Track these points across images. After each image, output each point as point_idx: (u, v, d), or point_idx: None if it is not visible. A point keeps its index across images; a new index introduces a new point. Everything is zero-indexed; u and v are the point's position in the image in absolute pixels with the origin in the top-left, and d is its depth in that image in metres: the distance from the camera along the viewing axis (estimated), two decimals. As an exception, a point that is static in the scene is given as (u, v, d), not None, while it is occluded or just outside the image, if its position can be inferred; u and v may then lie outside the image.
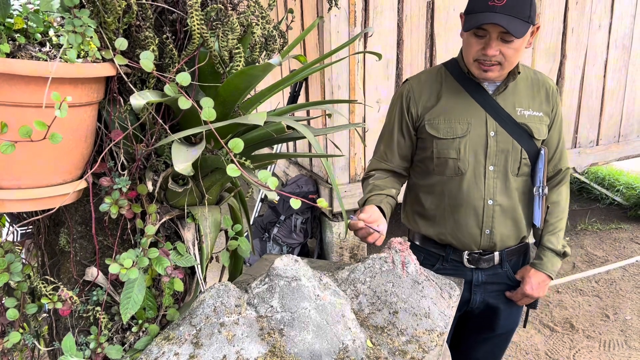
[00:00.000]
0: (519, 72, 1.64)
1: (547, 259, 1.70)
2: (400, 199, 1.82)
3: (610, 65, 4.28)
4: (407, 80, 1.76)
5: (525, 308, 1.86)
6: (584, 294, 3.61)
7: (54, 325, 1.22)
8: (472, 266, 1.72)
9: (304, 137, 1.13)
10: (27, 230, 1.29)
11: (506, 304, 1.79)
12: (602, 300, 3.51)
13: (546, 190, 1.68)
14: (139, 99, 0.96)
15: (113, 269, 1.03)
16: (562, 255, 1.71)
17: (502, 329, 1.83)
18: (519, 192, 1.68)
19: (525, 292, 1.71)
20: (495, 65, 1.54)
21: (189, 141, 1.11)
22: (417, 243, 1.81)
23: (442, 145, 1.64)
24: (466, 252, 1.71)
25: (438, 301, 1.19)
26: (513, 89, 1.66)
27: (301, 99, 3.88)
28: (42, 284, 1.10)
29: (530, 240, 1.83)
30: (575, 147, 4.35)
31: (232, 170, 0.90)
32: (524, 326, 1.91)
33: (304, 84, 3.83)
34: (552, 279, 1.72)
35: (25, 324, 1.18)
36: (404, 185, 1.84)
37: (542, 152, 1.66)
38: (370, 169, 1.77)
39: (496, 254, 1.72)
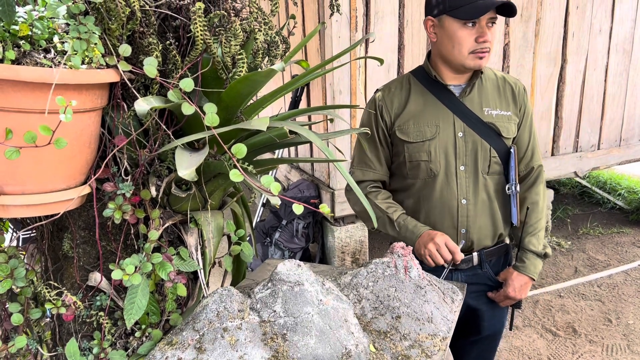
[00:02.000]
0: (482, 72, 1.70)
1: (530, 262, 1.72)
2: None
3: (611, 70, 4.29)
4: (377, 90, 1.80)
5: (509, 309, 1.87)
6: (586, 298, 3.60)
7: (57, 330, 1.23)
8: (451, 267, 1.74)
9: (306, 142, 1.14)
10: (30, 235, 1.29)
11: (488, 305, 1.81)
12: (604, 305, 3.50)
13: (518, 188, 1.71)
14: (143, 105, 0.97)
15: (116, 274, 1.03)
16: (544, 256, 1.74)
17: (487, 330, 1.84)
18: (492, 190, 1.72)
19: (508, 295, 1.73)
20: (487, 51, 1.60)
21: (192, 146, 1.12)
22: None
23: (413, 149, 1.69)
24: None
25: (441, 306, 1.19)
26: (479, 90, 1.71)
27: (303, 104, 3.89)
28: (46, 289, 1.10)
29: (508, 241, 1.86)
30: (576, 151, 4.35)
31: (235, 176, 0.91)
32: (510, 329, 1.91)
33: (305, 89, 3.83)
34: (534, 281, 1.74)
35: (28, 329, 1.19)
36: None
37: (512, 150, 1.70)
38: (358, 180, 1.78)
39: (475, 254, 1.75)
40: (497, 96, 1.72)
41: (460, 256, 1.58)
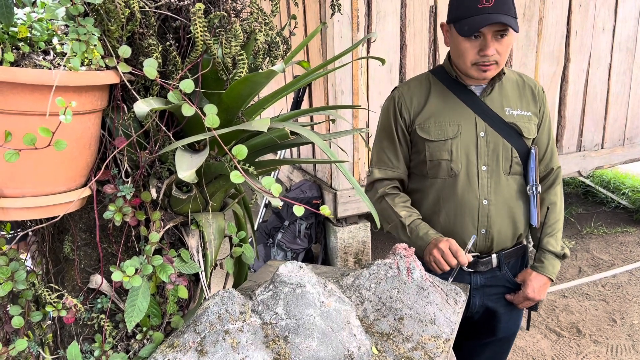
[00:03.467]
0: (504, 73, 1.68)
1: (548, 262, 1.71)
2: None
3: (614, 69, 4.27)
4: (396, 87, 1.79)
5: (525, 311, 1.86)
6: (590, 298, 3.58)
7: (58, 333, 1.22)
8: (470, 269, 1.73)
9: (308, 143, 1.13)
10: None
11: (506, 308, 1.79)
12: (609, 305, 3.48)
13: (539, 189, 1.70)
14: (143, 106, 0.96)
15: (117, 276, 1.03)
16: (562, 257, 1.73)
17: (503, 333, 1.83)
18: (513, 191, 1.70)
19: (527, 295, 1.71)
20: (493, 64, 1.58)
21: (193, 148, 1.11)
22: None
23: (434, 148, 1.67)
24: None
25: (444, 307, 1.18)
26: (500, 90, 1.69)
27: (305, 105, 3.89)
28: (47, 291, 1.10)
29: (525, 242, 1.84)
30: (580, 150, 4.33)
31: (236, 177, 0.90)
32: (527, 328, 1.90)
33: (307, 90, 3.83)
34: (552, 281, 1.73)
35: (29, 332, 1.18)
36: None
37: (533, 150, 1.69)
38: (377, 178, 1.77)
39: (494, 256, 1.73)
40: (517, 96, 1.71)
41: (464, 259, 1.54)
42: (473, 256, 1.70)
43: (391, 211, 1.71)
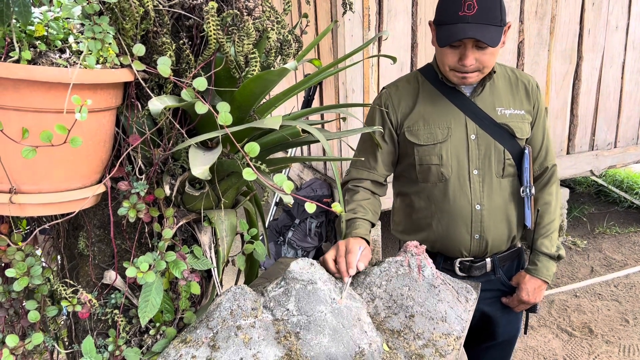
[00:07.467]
0: (494, 72, 1.62)
1: (542, 264, 1.66)
2: (389, 204, 1.84)
3: (627, 67, 4.23)
4: (384, 87, 1.73)
5: (524, 313, 1.82)
6: (602, 298, 3.55)
7: (73, 328, 1.24)
8: (464, 274, 1.68)
9: (319, 141, 1.13)
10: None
11: (503, 311, 1.75)
12: (621, 305, 3.45)
13: (533, 190, 1.64)
14: (157, 104, 0.97)
15: (130, 272, 1.04)
16: (557, 258, 1.68)
17: (503, 336, 1.79)
18: (507, 193, 1.65)
19: (522, 299, 1.67)
20: (474, 72, 1.52)
21: (206, 145, 1.12)
22: None
23: (423, 152, 1.61)
24: (457, 260, 1.67)
25: (455, 305, 1.18)
26: (491, 89, 1.63)
27: (315, 103, 3.89)
28: (62, 286, 1.11)
29: (519, 244, 1.79)
30: (592, 149, 4.29)
31: (248, 174, 0.91)
32: (525, 332, 1.85)
33: (318, 88, 3.83)
34: (548, 284, 1.68)
35: (44, 327, 1.20)
36: (392, 196, 1.84)
37: (526, 151, 1.63)
38: (352, 178, 1.71)
39: (488, 260, 1.68)
40: (510, 94, 1.65)
41: (352, 270, 1.25)
42: (467, 261, 1.67)
43: (345, 205, 1.60)
